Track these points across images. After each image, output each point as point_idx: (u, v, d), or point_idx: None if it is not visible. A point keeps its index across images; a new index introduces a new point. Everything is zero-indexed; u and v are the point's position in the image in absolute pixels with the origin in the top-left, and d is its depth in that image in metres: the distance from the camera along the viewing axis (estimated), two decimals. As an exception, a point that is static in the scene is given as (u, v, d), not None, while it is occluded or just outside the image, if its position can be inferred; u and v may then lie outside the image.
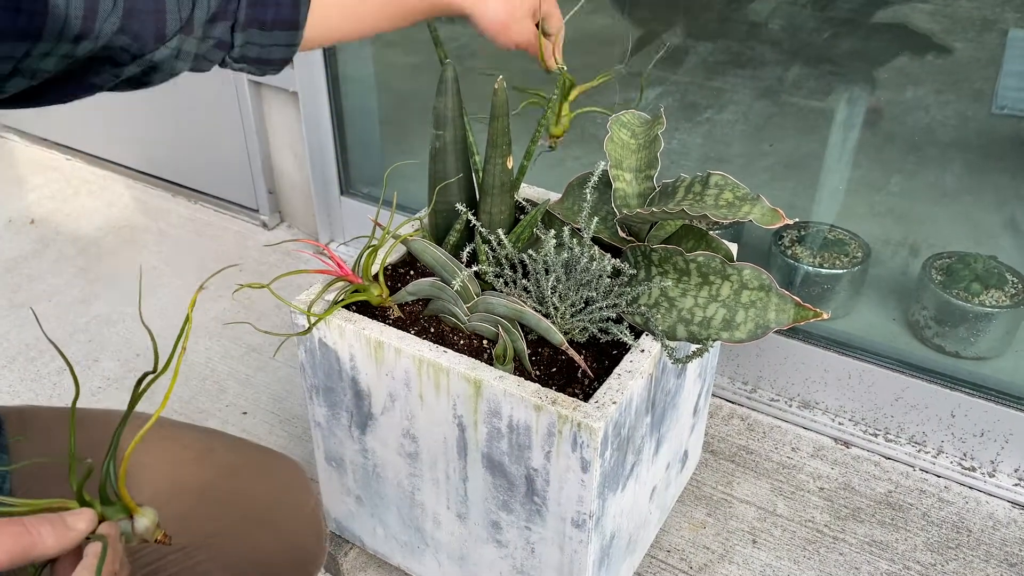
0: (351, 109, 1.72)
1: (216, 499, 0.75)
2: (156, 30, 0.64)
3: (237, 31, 0.71)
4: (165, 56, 0.66)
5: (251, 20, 0.71)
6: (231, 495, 0.77)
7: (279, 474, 0.82)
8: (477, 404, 0.84)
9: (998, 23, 1.27)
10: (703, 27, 1.55)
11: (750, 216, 0.78)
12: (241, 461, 0.80)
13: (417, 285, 0.92)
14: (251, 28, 0.71)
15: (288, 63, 0.76)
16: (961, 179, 1.41)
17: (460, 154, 0.91)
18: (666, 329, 0.86)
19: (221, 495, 0.76)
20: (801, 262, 1.42)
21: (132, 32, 0.62)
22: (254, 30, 0.72)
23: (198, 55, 0.70)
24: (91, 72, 0.64)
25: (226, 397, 1.47)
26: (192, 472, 0.76)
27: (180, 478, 0.75)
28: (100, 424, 0.75)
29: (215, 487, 0.76)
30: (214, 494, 0.76)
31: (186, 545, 0.71)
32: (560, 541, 0.88)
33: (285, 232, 1.96)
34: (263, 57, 0.74)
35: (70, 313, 1.68)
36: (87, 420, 0.74)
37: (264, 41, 0.73)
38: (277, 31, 0.73)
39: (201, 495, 0.75)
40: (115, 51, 0.62)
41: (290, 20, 0.73)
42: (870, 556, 1.17)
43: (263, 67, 0.75)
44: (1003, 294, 1.32)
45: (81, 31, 0.58)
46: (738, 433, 1.37)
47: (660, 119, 0.97)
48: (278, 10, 0.72)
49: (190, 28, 0.66)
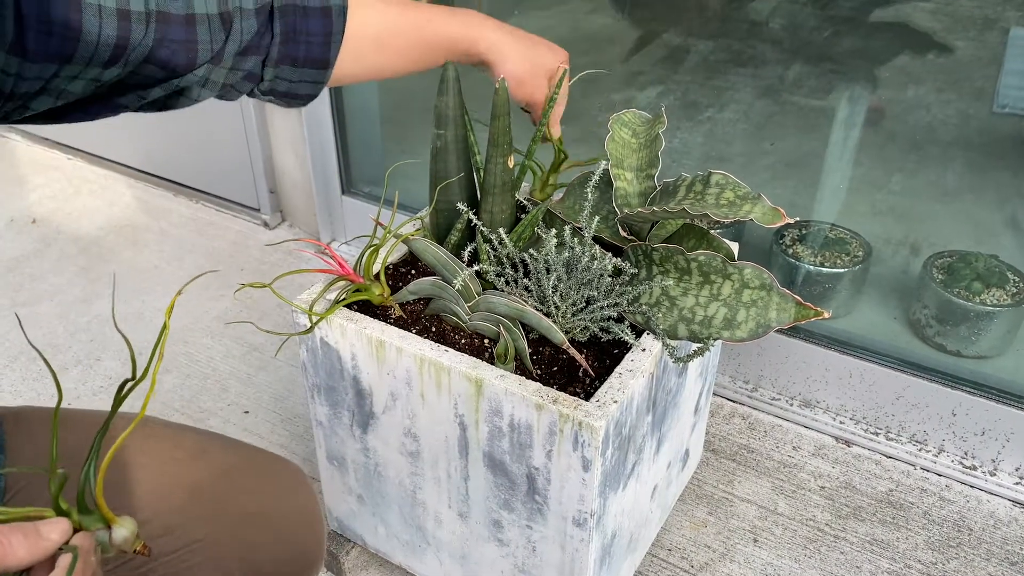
0: (352, 108, 1.72)
1: (210, 499, 0.75)
2: (187, 59, 0.64)
3: (268, 66, 0.72)
4: (192, 83, 0.67)
5: (283, 57, 0.72)
6: (226, 496, 0.76)
7: (277, 476, 0.81)
8: (478, 403, 0.84)
9: (999, 22, 1.27)
10: (704, 26, 1.55)
11: (751, 215, 0.78)
12: (237, 462, 0.79)
13: (418, 284, 0.92)
14: (283, 64, 0.73)
15: (314, 98, 0.78)
16: (962, 178, 1.41)
17: (461, 153, 0.91)
18: (667, 328, 0.86)
19: (216, 495, 0.75)
20: (802, 261, 1.42)
21: (161, 60, 0.62)
22: (285, 66, 0.73)
23: (226, 84, 0.70)
24: (116, 93, 0.64)
25: (228, 396, 1.47)
26: (185, 472, 0.75)
27: (172, 477, 0.74)
28: (94, 426, 0.74)
29: (210, 487, 0.75)
30: (208, 494, 0.75)
31: (178, 548, 0.70)
32: (561, 540, 0.88)
33: (286, 231, 1.96)
34: (291, 92, 0.75)
35: (72, 312, 1.69)
36: (83, 422, 0.73)
37: (294, 77, 0.74)
38: (307, 68, 0.74)
39: (194, 494, 0.74)
40: (143, 77, 0.63)
41: (321, 59, 0.75)
42: (871, 555, 1.17)
43: (290, 100, 0.77)
44: (1004, 293, 1.32)
45: (111, 57, 0.59)
46: (739, 432, 1.37)
47: (661, 118, 0.97)
48: (309, 48, 0.73)
49: (219, 59, 0.67)
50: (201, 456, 0.77)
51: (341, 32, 0.74)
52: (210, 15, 0.64)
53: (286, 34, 0.71)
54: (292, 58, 0.73)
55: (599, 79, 1.02)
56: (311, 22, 0.72)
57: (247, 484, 0.78)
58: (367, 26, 0.77)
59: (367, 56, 0.79)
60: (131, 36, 0.59)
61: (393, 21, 0.80)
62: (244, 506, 0.76)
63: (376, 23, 0.78)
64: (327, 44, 0.74)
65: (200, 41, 0.64)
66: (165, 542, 0.70)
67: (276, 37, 0.70)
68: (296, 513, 0.80)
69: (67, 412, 0.75)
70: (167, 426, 0.79)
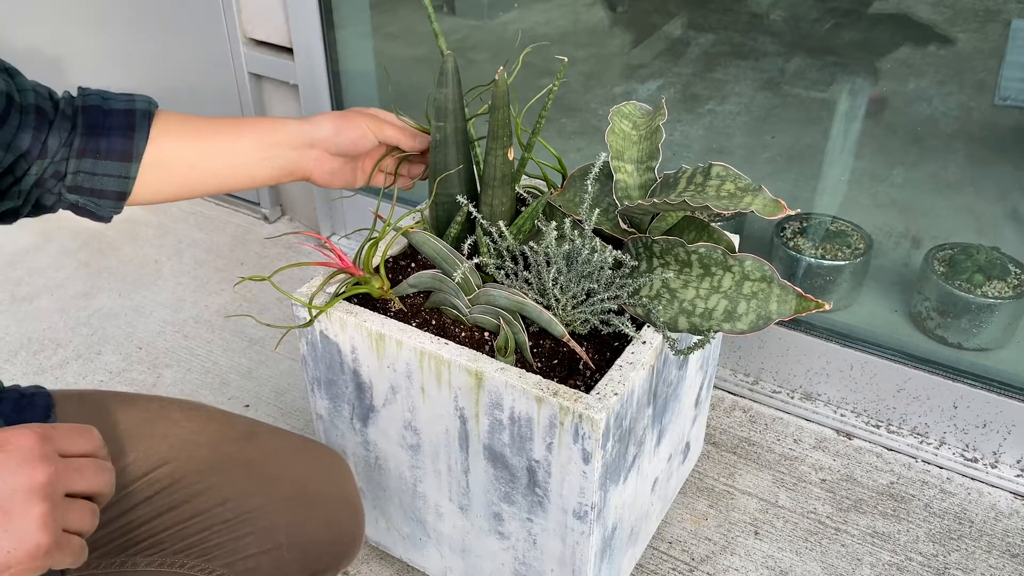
0: (352, 102, 1.72)
1: (261, 476, 0.78)
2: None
3: (71, 158, 0.74)
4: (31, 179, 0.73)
5: (85, 149, 0.75)
6: (277, 474, 0.80)
7: (323, 461, 0.84)
8: (479, 396, 0.84)
9: (1001, 13, 1.27)
10: (705, 18, 1.54)
11: (752, 207, 0.78)
12: (286, 446, 0.83)
13: (418, 277, 0.92)
14: (85, 157, 0.75)
15: (124, 199, 0.79)
16: (963, 170, 1.40)
17: (461, 146, 0.91)
18: (668, 320, 0.86)
19: (267, 474, 0.79)
20: (803, 253, 1.42)
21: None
22: (88, 159, 0.75)
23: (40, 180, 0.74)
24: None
25: (228, 390, 1.47)
26: (238, 450, 0.79)
27: (227, 455, 0.78)
28: (151, 407, 0.80)
29: (261, 465, 0.79)
30: (260, 471, 0.79)
31: (230, 518, 0.74)
32: (562, 533, 0.88)
33: (286, 225, 1.96)
34: (96, 188, 0.77)
35: (72, 307, 1.69)
36: (136, 404, 0.79)
37: (96, 170, 0.76)
38: (111, 161, 0.76)
39: (247, 470, 0.78)
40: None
41: (123, 150, 0.77)
42: (872, 547, 1.17)
43: (96, 201, 0.78)
44: (1006, 285, 1.32)
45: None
46: (740, 425, 1.37)
47: (661, 110, 0.97)
48: (111, 141, 0.76)
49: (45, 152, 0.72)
50: (252, 437, 0.81)
51: (146, 129, 0.77)
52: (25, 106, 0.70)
53: (88, 127, 0.74)
54: (94, 150, 0.75)
55: (600, 72, 1.01)
56: (113, 117, 0.76)
57: (295, 466, 0.82)
58: (171, 140, 0.80)
59: (174, 168, 0.81)
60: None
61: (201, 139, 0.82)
62: (292, 486, 0.79)
63: (181, 139, 0.81)
64: (129, 137, 0.76)
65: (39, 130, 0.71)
66: (221, 511, 0.74)
67: (79, 129, 0.74)
68: (340, 497, 0.83)
69: (125, 395, 0.80)
70: (218, 410, 0.84)
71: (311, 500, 0.80)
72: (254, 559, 0.74)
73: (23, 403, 0.71)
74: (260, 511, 0.76)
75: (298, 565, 0.77)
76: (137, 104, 0.78)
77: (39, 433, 0.51)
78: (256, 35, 1.70)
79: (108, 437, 0.71)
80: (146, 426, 0.76)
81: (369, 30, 1.72)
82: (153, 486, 0.74)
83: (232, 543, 0.74)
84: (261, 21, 1.67)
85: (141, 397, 0.81)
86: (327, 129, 0.86)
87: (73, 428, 0.54)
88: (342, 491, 0.83)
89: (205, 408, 0.83)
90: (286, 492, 0.78)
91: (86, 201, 0.77)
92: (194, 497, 0.74)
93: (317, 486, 0.81)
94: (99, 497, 0.53)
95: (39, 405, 0.72)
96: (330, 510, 0.81)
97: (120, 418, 0.76)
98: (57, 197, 0.76)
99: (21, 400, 0.71)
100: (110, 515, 0.71)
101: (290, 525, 0.77)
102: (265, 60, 1.70)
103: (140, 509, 0.73)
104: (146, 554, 0.72)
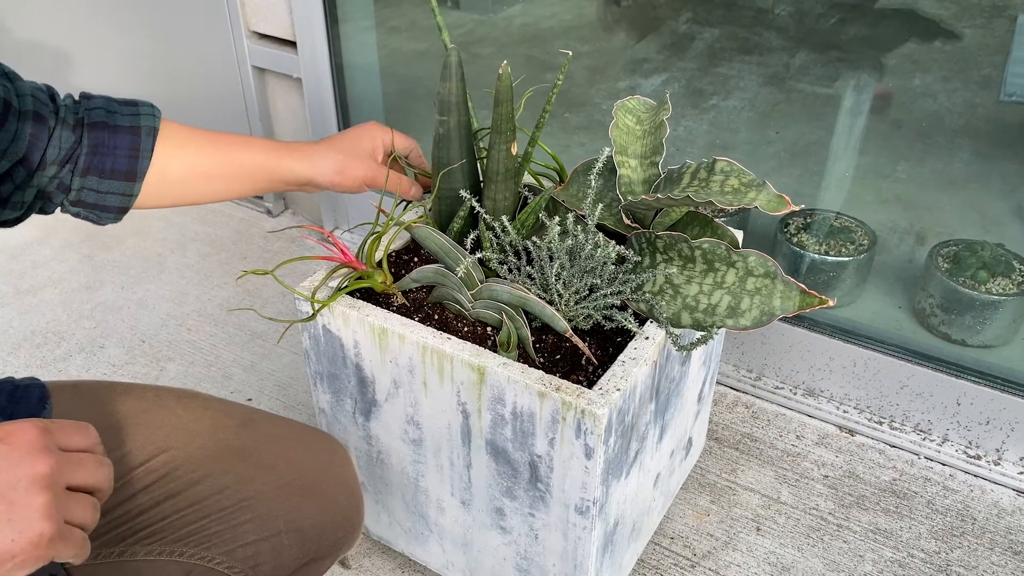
0: (355, 96, 1.71)
1: (258, 463, 0.78)
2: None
3: (76, 175, 0.77)
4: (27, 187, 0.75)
5: (90, 167, 0.78)
6: (273, 461, 0.80)
7: (320, 447, 0.84)
8: (481, 391, 0.84)
9: (1007, 9, 1.26)
10: (709, 13, 1.54)
11: (756, 203, 0.77)
12: (283, 432, 0.84)
13: (421, 272, 0.92)
14: (90, 175, 0.78)
15: (126, 211, 0.83)
16: (968, 166, 1.40)
17: (464, 140, 0.91)
18: (671, 316, 0.85)
19: (263, 460, 0.79)
20: (807, 250, 1.41)
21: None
22: (92, 177, 0.78)
23: (44, 192, 0.77)
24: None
25: (231, 384, 1.47)
26: (234, 437, 0.80)
27: (222, 442, 0.78)
28: (147, 396, 0.81)
29: (257, 452, 0.79)
30: (256, 458, 0.79)
31: (228, 506, 0.74)
32: (564, 528, 0.88)
33: (289, 219, 1.96)
34: (100, 203, 0.80)
35: (75, 300, 1.69)
36: (132, 393, 0.80)
37: (101, 188, 0.79)
38: (114, 180, 0.79)
39: (243, 457, 0.78)
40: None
41: (127, 171, 0.80)
42: (874, 544, 1.17)
43: (100, 213, 0.81)
44: (1010, 282, 1.31)
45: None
46: (742, 421, 1.37)
47: (665, 105, 0.96)
48: (116, 161, 0.79)
49: (43, 164, 0.75)
50: (249, 424, 0.82)
51: (150, 149, 0.80)
52: (23, 112, 0.73)
53: (94, 146, 0.77)
54: (99, 169, 0.78)
55: (604, 66, 1.01)
56: (119, 137, 0.78)
57: (292, 452, 0.82)
58: (174, 159, 0.83)
59: (175, 185, 0.84)
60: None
61: (202, 159, 0.86)
62: (290, 471, 0.79)
63: (183, 158, 0.84)
64: (134, 158, 0.79)
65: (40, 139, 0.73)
66: (217, 500, 0.74)
67: (84, 147, 0.77)
68: (338, 482, 0.83)
69: (121, 385, 0.81)
70: (215, 398, 0.85)
71: (309, 486, 0.80)
72: (253, 546, 0.75)
73: (18, 394, 0.72)
74: (258, 498, 0.76)
75: (297, 551, 0.77)
76: (142, 119, 0.80)
77: (40, 427, 0.51)
78: (259, 28, 1.69)
79: (104, 427, 0.71)
80: (142, 415, 0.77)
81: (372, 24, 1.71)
82: (150, 475, 0.74)
83: (231, 531, 0.74)
84: (264, 14, 1.66)
85: (136, 387, 0.81)
86: (328, 169, 0.91)
87: (71, 424, 0.54)
88: (340, 476, 0.83)
89: (201, 396, 0.83)
90: (284, 478, 0.79)
91: (88, 213, 0.80)
92: (192, 485, 0.74)
93: (315, 472, 0.81)
94: (99, 492, 0.54)
95: (34, 396, 0.73)
96: (329, 495, 0.81)
97: (116, 408, 0.76)
98: (59, 207, 0.79)
99: (16, 391, 0.72)
100: (108, 505, 0.71)
101: (289, 511, 0.77)
102: (268, 53, 1.70)
103: (138, 498, 0.73)
104: (145, 543, 0.72)
